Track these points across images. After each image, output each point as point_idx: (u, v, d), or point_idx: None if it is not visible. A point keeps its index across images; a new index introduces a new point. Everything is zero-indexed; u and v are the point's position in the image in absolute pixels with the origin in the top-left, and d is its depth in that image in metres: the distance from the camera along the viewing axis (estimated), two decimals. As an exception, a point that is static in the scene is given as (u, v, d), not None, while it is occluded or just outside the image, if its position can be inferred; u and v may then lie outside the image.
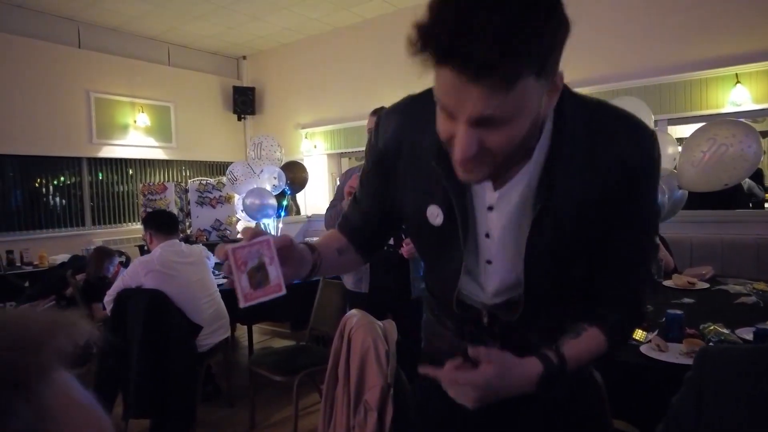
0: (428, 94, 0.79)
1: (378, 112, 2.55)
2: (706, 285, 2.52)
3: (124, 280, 2.63)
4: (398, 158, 0.91)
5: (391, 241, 2.41)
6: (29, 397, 0.30)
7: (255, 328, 4.30)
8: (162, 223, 2.79)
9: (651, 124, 2.32)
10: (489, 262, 0.90)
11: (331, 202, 2.69)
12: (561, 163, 0.79)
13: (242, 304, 0.75)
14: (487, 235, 0.87)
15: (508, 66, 0.62)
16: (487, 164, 0.73)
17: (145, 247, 2.96)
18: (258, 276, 0.75)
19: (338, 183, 2.74)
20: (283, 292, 0.76)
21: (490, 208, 0.85)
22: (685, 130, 4.14)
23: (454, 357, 1.06)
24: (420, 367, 0.86)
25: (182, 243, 2.88)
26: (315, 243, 0.96)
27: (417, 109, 0.88)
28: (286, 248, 0.80)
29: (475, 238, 0.89)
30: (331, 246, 1.01)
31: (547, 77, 0.68)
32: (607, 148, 0.79)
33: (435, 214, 0.88)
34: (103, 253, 3.50)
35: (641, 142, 0.80)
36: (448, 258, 0.92)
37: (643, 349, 1.64)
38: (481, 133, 0.68)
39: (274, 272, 0.76)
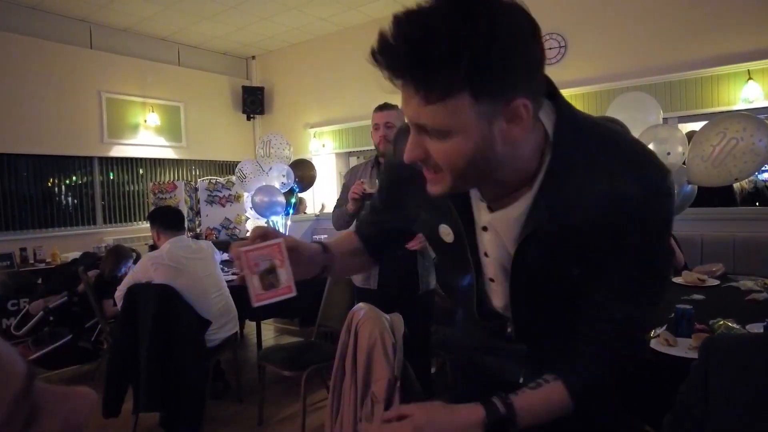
0: None
1: (382, 108, 2.57)
2: (717, 282, 2.50)
3: (134, 275, 2.66)
4: (414, 176, 0.90)
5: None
6: None
7: (264, 325, 4.32)
8: (169, 221, 2.82)
9: (659, 119, 2.30)
10: (492, 280, 0.91)
11: (338, 200, 2.70)
12: (555, 194, 0.76)
13: (254, 304, 0.79)
14: (486, 255, 0.89)
15: (427, 77, 0.65)
16: (440, 179, 0.75)
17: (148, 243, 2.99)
18: (269, 278, 0.78)
19: (344, 181, 2.75)
20: (294, 293, 0.79)
21: (484, 229, 0.86)
22: (696, 128, 4.11)
23: (464, 347, 1.07)
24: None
25: (190, 239, 2.90)
26: (329, 244, 0.99)
27: None
28: (292, 250, 0.82)
29: (478, 257, 0.90)
30: (345, 248, 1.05)
31: (491, 100, 0.66)
32: (610, 185, 0.74)
33: (446, 233, 0.91)
34: (120, 254, 3.55)
35: (651, 183, 0.74)
36: (461, 272, 0.94)
37: (651, 343, 1.63)
38: (426, 141, 0.72)
39: (285, 275, 0.79)
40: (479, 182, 0.80)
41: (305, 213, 5.66)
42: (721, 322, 1.74)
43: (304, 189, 5.24)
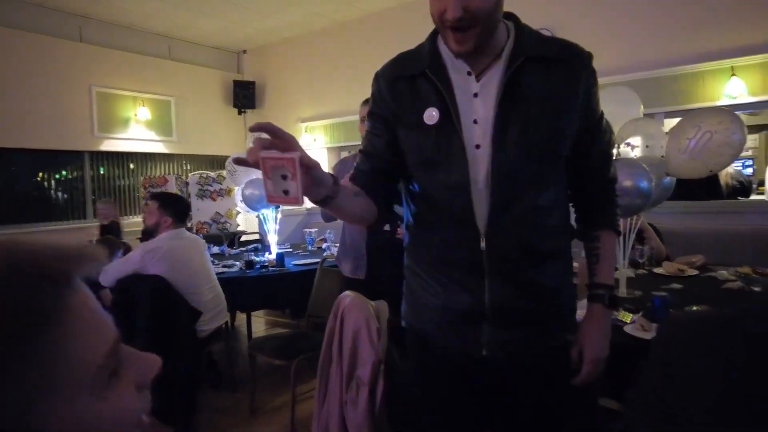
0: (414, 49, 1.11)
1: (368, 101, 2.62)
2: (696, 272, 2.57)
3: (129, 261, 2.67)
4: (396, 99, 1.09)
5: (388, 227, 2.47)
6: (59, 293, 0.39)
7: (255, 318, 4.36)
8: (183, 212, 2.87)
9: (640, 114, 2.36)
10: (478, 146, 1.02)
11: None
12: (523, 60, 0.99)
13: (267, 201, 0.90)
14: (475, 121, 1.02)
15: None
16: (473, 34, 0.94)
17: (143, 231, 3.00)
18: (282, 184, 0.88)
19: (333, 173, 2.79)
20: (300, 204, 0.88)
21: (476, 95, 1.03)
22: (681, 123, 4.16)
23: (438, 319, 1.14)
24: None
25: (186, 231, 2.94)
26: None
27: (405, 56, 1.13)
28: (307, 167, 0.91)
29: (466, 126, 1.03)
30: (348, 187, 1.16)
31: None
32: (560, 57, 1.04)
33: (431, 115, 1.03)
34: (111, 245, 3.58)
35: (584, 57, 1.09)
36: (448, 151, 1.04)
37: (627, 329, 1.69)
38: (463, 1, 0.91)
39: (294, 186, 0.87)
40: (486, 40, 0.99)
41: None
42: (695, 309, 1.81)
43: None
